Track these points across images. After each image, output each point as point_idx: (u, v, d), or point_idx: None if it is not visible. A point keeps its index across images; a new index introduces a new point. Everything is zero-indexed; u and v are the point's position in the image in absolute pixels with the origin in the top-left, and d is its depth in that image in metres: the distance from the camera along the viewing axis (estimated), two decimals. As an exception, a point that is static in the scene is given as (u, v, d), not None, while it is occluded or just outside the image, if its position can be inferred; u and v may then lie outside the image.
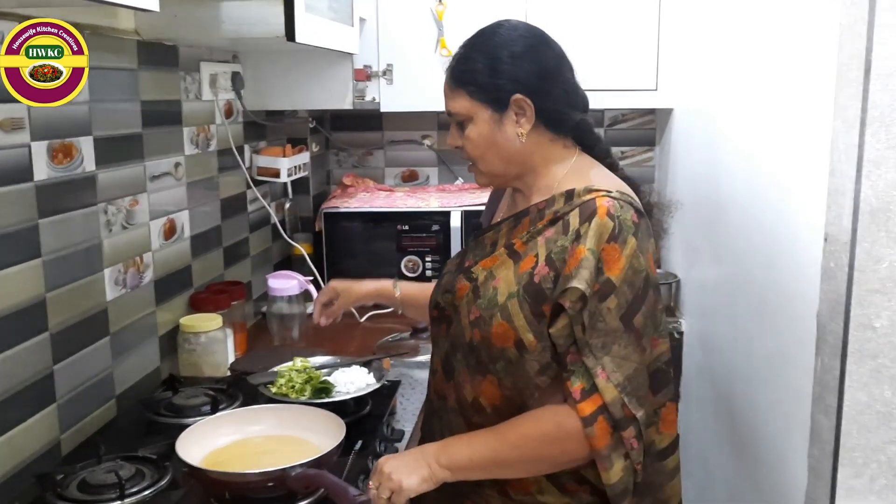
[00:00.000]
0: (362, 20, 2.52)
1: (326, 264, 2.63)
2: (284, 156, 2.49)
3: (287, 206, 2.74)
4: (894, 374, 1.22)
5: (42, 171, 1.47)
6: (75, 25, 1.53)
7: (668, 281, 2.62)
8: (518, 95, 1.32)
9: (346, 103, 2.42)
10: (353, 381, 1.70)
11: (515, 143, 1.34)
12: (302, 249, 2.57)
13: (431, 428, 1.50)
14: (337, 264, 2.63)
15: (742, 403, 1.86)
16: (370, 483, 1.30)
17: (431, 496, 1.33)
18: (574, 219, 1.29)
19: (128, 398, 1.77)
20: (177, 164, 2.00)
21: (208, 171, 2.20)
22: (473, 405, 1.37)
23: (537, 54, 1.34)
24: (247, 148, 2.45)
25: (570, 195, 1.32)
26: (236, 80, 2.30)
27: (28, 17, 1.23)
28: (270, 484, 1.28)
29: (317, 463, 1.30)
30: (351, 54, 2.34)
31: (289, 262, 2.70)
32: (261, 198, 2.50)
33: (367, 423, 1.64)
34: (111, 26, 1.70)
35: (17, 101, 1.38)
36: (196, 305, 2.06)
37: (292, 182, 2.66)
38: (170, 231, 1.97)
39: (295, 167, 2.55)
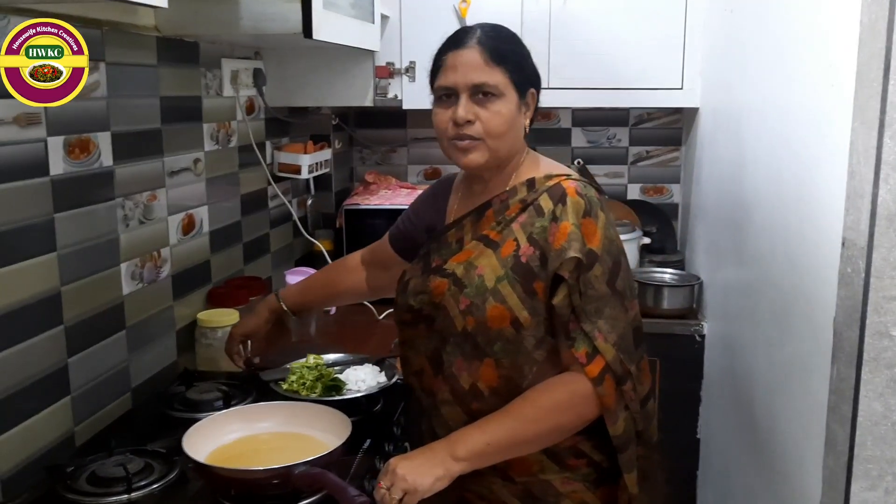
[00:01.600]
0: (385, 17, 2.51)
1: (346, 261, 2.63)
2: (305, 152, 2.50)
3: (309, 202, 2.74)
4: (912, 385, 1.18)
5: (58, 165, 1.48)
6: (94, 22, 1.57)
7: (690, 283, 2.57)
8: (533, 90, 1.44)
9: (368, 100, 2.43)
10: (364, 379, 1.70)
11: (522, 132, 1.45)
12: (321, 246, 2.58)
13: (421, 428, 1.50)
14: (357, 261, 2.63)
15: (762, 409, 1.82)
16: (380, 483, 1.30)
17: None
18: (545, 202, 1.39)
19: (144, 392, 1.78)
20: (196, 160, 2.01)
21: (229, 167, 2.21)
22: (472, 391, 1.40)
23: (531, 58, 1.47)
24: (268, 144, 2.46)
25: (531, 184, 1.43)
26: (258, 77, 2.31)
27: (45, 14, 1.25)
28: (275, 481, 1.28)
29: (321, 461, 1.30)
30: (372, 52, 2.34)
31: (311, 258, 2.71)
32: (281, 194, 2.50)
33: (377, 421, 1.64)
34: (131, 23, 1.72)
35: (32, 97, 1.41)
36: (214, 300, 2.07)
37: (315, 179, 2.67)
38: (188, 226, 1.98)
39: (316, 164, 2.56)
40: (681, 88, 2.59)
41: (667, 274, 2.68)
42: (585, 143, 3.06)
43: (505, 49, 1.40)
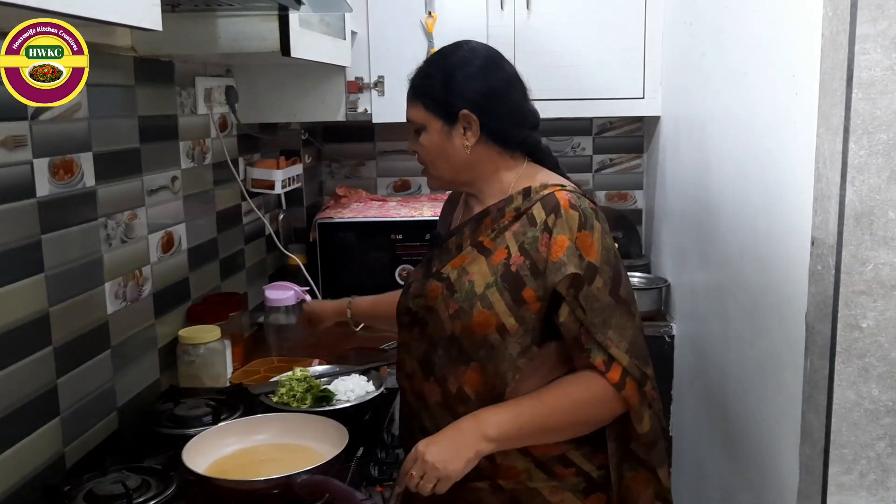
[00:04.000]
0: (354, 33, 2.55)
1: (321, 274, 2.65)
2: (278, 168, 2.52)
3: (281, 217, 2.76)
4: (881, 373, 1.25)
5: (44, 187, 1.49)
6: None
7: (657, 286, 2.65)
8: (465, 111, 1.44)
9: (340, 115, 2.46)
10: (352, 389, 1.73)
11: (462, 154, 1.47)
12: (297, 260, 2.60)
13: (412, 430, 1.54)
14: (331, 274, 2.66)
15: (734, 404, 1.90)
16: (412, 472, 1.33)
17: (423, 497, 1.36)
18: (538, 211, 1.41)
19: (129, 410, 1.78)
20: (173, 178, 2.02)
21: (204, 184, 2.22)
22: (458, 395, 1.43)
23: (488, 75, 1.47)
24: (241, 160, 2.48)
25: (527, 192, 1.45)
26: (230, 94, 2.33)
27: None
28: (276, 491, 1.31)
29: (322, 469, 1.32)
30: (344, 67, 2.37)
31: (284, 272, 2.73)
32: (256, 209, 2.52)
33: (367, 429, 1.67)
34: (108, 43, 1.73)
35: (19, 119, 1.42)
36: (194, 317, 2.08)
37: (286, 193, 2.68)
38: (167, 244, 1.99)
39: (289, 179, 2.58)
40: (642, 98, 2.69)
41: (634, 277, 2.75)
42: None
43: (424, 81, 1.48)
